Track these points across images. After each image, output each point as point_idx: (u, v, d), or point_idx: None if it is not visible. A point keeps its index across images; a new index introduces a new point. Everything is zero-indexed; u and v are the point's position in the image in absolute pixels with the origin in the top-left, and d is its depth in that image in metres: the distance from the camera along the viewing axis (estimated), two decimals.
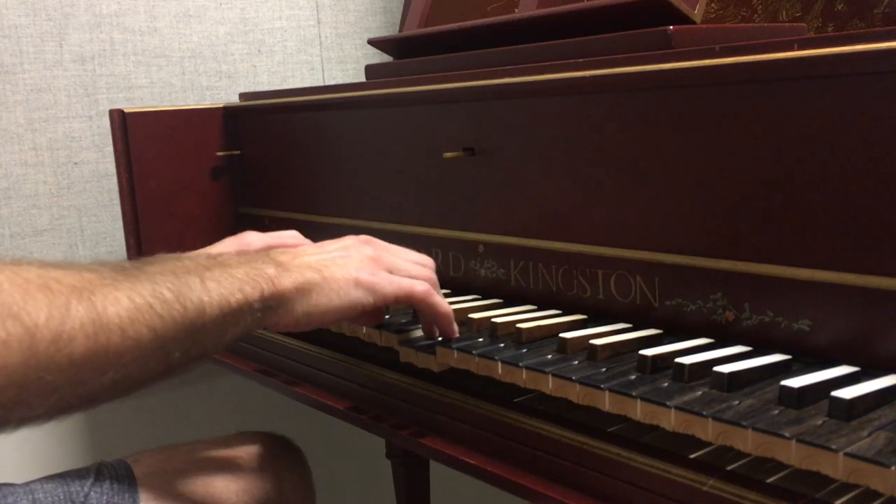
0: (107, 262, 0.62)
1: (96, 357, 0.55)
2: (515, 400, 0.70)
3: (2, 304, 0.52)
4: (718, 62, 0.65)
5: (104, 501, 0.77)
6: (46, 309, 0.53)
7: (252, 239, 0.82)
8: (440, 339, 0.76)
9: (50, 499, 0.75)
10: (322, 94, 1.07)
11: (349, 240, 0.76)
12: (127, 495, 0.79)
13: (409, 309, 0.85)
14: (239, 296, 0.64)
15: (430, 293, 0.74)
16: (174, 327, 0.59)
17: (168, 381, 0.63)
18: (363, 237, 0.77)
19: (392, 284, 0.72)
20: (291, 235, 0.84)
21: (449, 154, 0.87)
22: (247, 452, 0.88)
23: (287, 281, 0.67)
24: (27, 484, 0.77)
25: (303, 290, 0.68)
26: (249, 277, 0.65)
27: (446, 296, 0.87)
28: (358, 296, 0.71)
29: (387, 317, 0.84)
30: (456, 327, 0.76)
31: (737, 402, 0.56)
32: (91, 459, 0.83)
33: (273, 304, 0.67)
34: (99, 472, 0.80)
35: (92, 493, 0.78)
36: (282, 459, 0.89)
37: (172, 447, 0.87)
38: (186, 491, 0.82)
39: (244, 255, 0.70)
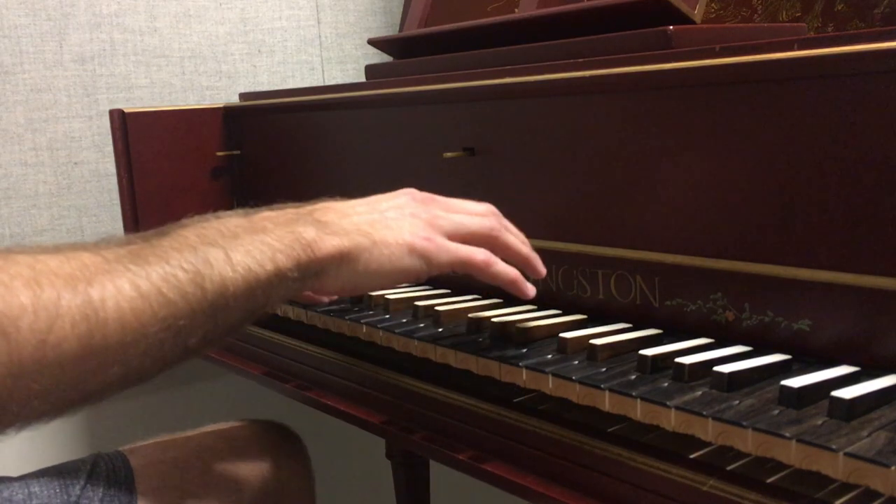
0: (118, 238, 0.57)
1: (93, 357, 0.51)
2: (515, 400, 0.70)
3: None
4: (718, 62, 0.65)
5: (101, 493, 0.77)
6: (32, 310, 0.48)
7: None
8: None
9: (46, 491, 0.75)
10: (322, 94, 1.07)
11: (403, 197, 0.70)
12: (124, 486, 0.78)
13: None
14: (270, 266, 0.58)
15: (489, 263, 0.68)
16: (188, 312, 0.54)
17: (193, 359, 0.58)
18: (420, 194, 0.71)
19: (448, 253, 0.67)
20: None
21: (449, 154, 0.87)
22: (245, 441, 0.87)
23: (328, 246, 0.62)
24: (23, 477, 0.77)
25: (348, 256, 0.63)
26: (284, 244, 0.60)
27: (445, 296, 0.88)
28: (410, 263, 0.65)
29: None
30: (528, 288, 0.70)
31: (737, 402, 0.56)
32: (88, 453, 0.83)
33: (312, 270, 0.61)
34: (95, 464, 0.79)
35: (88, 485, 0.77)
36: (280, 447, 0.89)
37: (169, 438, 0.86)
38: (184, 481, 0.81)
39: (285, 215, 0.64)
